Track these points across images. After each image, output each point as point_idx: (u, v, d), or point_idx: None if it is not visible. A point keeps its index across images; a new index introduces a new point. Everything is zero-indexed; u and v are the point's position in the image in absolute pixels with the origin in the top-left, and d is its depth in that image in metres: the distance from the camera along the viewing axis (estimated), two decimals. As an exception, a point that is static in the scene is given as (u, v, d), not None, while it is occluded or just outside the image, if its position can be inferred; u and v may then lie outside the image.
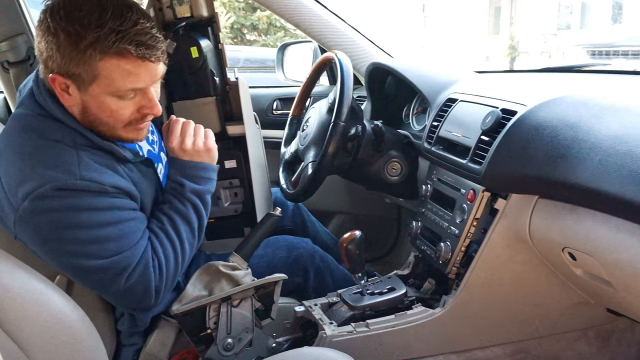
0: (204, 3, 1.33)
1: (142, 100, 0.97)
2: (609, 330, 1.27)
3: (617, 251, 0.85)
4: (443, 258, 1.17)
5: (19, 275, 0.86)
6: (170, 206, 1.08)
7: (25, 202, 0.91)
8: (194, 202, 1.09)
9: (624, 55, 4.55)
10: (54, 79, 0.93)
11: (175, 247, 1.05)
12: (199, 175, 1.11)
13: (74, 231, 0.94)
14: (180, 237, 1.06)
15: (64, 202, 0.92)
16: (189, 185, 1.09)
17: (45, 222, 0.93)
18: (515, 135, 1.01)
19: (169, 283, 1.04)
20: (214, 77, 1.36)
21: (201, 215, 1.10)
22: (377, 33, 1.93)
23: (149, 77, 0.95)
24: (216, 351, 1.11)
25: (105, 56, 0.90)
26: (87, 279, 0.99)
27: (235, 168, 1.40)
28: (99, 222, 0.95)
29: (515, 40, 12.55)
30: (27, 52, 1.79)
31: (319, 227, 1.66)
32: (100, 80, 0.92)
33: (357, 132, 1.32)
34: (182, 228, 1.07)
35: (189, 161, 1.11)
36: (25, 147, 0.95)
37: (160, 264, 1.02)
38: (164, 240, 1.04)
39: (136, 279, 0.99)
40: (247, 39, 9.81)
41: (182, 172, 1.11)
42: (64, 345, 0.86)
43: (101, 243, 0.95)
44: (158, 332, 1.15)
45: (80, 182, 0.92)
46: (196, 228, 1.09)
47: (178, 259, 1.05)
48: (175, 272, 1.05)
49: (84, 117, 0.97)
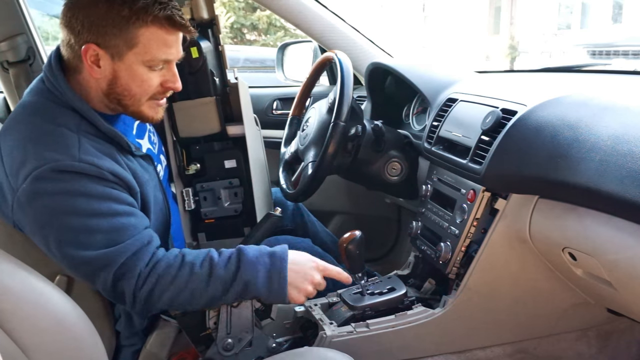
0: (205, 5, 1.33)
1: (167, 74, 1.04)
2: (609, 330, 1.27)
3: (617, 251, 0.85)
4: (443, 258, 1.17)
5: (19, 275, 0.86)
6: (218, 259, 1.02)
7: (24, 184, 0.93)
8: (236, 284, 1.00)
9: (624, 55, 4.55)
10: (87, 50, 0.97)
11: (182, 285, 0.99)
12: (272, 285, 1.02)
13: (67, 218, 0.95)
14: (192, 283, 1.00)
15: (60, 185, 0.94)
16: (255, 280, 1.01)
17: (40, 207, 0.94)
18: (515, 135, 1.01)
19: (147, 303, 1.00)
20: (213, 78, 1.36)
21: (218, 294, 1.01)
22: (377, 33, 1.93)
23: (177, 50, 1.03)
24: (216, 351, 1.11)
25: (146, 24, 0.97)
26: (78, 270, 0.99)
27: (235, 168, 1.40)
28: (93, 210, 0.96)
29: (515, 40, 12.55)
30: (26, 52, 1.79)
31: (319, 227, 1.66)
32: (137, 49, 0.98)
33: (357, 132, 1.32)
34: (202, 279, 1.00)
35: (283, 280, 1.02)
36: (30, 132, 0.97)
37: (159, 280, 0.99)
38: (182, 272, 0.99)
39: (121, 278, 0.97)
40: (247, 39, 9.81)
41: (264, 272, 1.02)
42: (63, 346, 0.86)
43: (91, 233, 0.95)
44: (158, 332, 1.15)
45: (78, 164, 0.95)
46: (207, 294, 1.01)
47: (171, 293, 1.00)
48: (158, 300, 1.00)
49: (110, 89, 1.01)
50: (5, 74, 1.81)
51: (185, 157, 1.40)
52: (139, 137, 1.19)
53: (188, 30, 1.03)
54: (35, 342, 0.82)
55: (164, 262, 0.99)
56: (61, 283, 1.08)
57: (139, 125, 1.20)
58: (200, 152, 1.39)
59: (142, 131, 1.22)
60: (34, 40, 1.81)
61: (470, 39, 13.45)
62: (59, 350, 0.86)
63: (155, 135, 1.27)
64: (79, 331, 0.89)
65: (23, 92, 1.76)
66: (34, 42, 1.81)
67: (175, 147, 1.38)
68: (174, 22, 0.99)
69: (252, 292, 1.01)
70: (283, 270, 1.02)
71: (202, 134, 1.37)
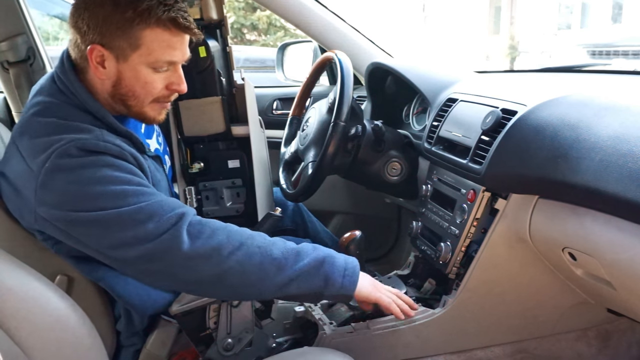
0: (214, 6, 1.34)
1: (172, 76, 1.03)
2: (609, 330, 1.27)
3: (617, 251, 0.85)
4: (443, 258, 1.17)
5: (19, 275, 0.87)
6: (293, 247, 1.00)
7: (47, 163, 0.92)
8: (314, 255, 0.99)
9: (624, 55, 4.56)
10: (92, 50, 0.97)
11: (255, 245, 0.97)
12: (347, 271, 1.01)
13: (95, 186, 0.92)
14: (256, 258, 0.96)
15: (86, 160, 0.93)
16: (332, 258, 1.01)
17: (67, 179, 0.92)
18: (515, 135, 1.01)
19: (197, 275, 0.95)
20: (220, 78, 1.36)
21: (290, 263, 0.97)
22: (377, 33, 1.93)
23: (182, 52, 1.02)
24: (216, 351, 1.11)
25: (150, 26, 0.96)
26: (113, 231, 0.93)
27: (238, 168, 1.40)
28: (120, 179, 0.94)
29: (515, 40, 12.54)
30: (27, 52, 1.79)
31: (319, 227, 1.66)
32: (141, 50, 0.98)
33: (357, 132, 1.32)
34: (271, 259, 0.97)
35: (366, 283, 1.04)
36: (49, 127, 0.97)
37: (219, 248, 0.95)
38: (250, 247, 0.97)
39: (177, 222, 0.93)
40: (247, 39, 9.81)
41: (342, 257, 1.02)
42: (63, 345, 0.87)
43: (122, 196, 0.93)
44: (158, 332, 1.15)
45: (103, 144, 0.96)
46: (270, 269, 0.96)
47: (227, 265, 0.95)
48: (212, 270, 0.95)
49: (115, 90, 1.01)
50: (5, 74, 1.81)
51: (189, 156, 1.40)
52: (147, 137, 1.19)
53: (193, 33, 1.01)
54: (36, 342, 0.82)
55: (230, 225, 0.98)
56: (61, 283, 1.08)
57: (147, 125, 1.20)
58: (204, 151, 1.40)
59: (151, 131, 1.22)
60: (34, 40, 1.81)
61: (470, 39, 13.45)
62: (59, 350, 0.86)
63: (161, 137, 1.28)
64: (79, 331, 0.89)
65: (23, 92, 1.79)
66: (34, 42, 1.81)
67: (179, 146, 1.38)
68: (178, 24, 0.98)
69: (327, 268, 0.98)
70: (356, 266, 1.02)
71: (206, 133, 1.38)
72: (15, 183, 0.98)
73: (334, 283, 0.99)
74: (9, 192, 1.01)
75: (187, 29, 0.99)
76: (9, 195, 1.01)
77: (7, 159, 1.01)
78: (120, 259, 0.95)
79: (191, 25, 1.00)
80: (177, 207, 0.96)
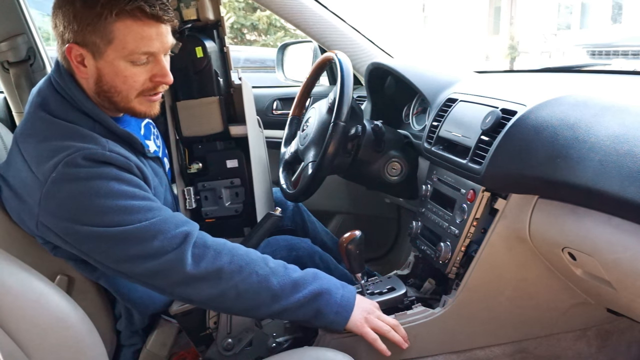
0: (211, 6, 1.33)
1: (155, 68, 1.00)
2: (609, 330, 1.27)
3: (617, 251, 0.85)
4: (443, 258, 1.17)
5: (19, 275, 0.87)
6: (282, 267, 1.02)
7: (54, 172, 0.91)
8: (310, 286, 1.00)
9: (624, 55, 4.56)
10: (70, 49, 0.97)
11: (252, 269, 0.98)
12: (343, 303, 1.03)
13: (101, 199, 0.92)
14: (250, 280, 0.97)
15: (93, 171, 0.93)
16: (329, 290, 1.02)
17: (73, 191, 0.92)
18: (515, 135, 1.01)
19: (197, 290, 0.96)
20: (218, 78, 1.36)
21: (287, 292, 0.99)
22: (377, 33, 1.93)
23: (160, 42, 0.98)
24: (216, 351, 1.11)
25: (120, 18, 0.94)
26: (119, 248, 0.94)
27: (236, 168, 1.40)
28: (126, 193, 0.94)
29: (515, 40, 12.55)
30: (27, 52, 1.79)
31: (319, 227, 1.66)
32: (115, 44, 0.96)
33: (357, 132, 1.32)
34: (259, 278, 0.98)
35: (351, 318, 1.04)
36: (52, 131, 0.97)
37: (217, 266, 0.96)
38: (243, 265, 0.98)
39: (181, 243, 0.94)
40: (247, 39, 9.81)
41: (338, 288, 1.04)
42: (64, 345, 0.87)
43: (127, 212, 0.93)
44: (158, 332, 1.16)
45: (109, 154, 0.95)
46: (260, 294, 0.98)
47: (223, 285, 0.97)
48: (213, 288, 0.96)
49: (98, 88, 1.00)
50: (5, 74, 1.81)
51: (188, 156, 1.40)
52: (146, 138, 1.19)
53: (164, 20, 0.97)
54: (36, 341, 0.82)
55: (235, 245, 0.99)
56: (61, 283, 1.08)
57: (145, 126, 1.20)
58: (203, 151, 1.40)
59: (148, 132, 1.22)
60: (34, 40, 1.81)
61: (470, 39, 13.45)
62: (59, 349, 0.86)
63: (159, 139, 1.28)
64: (79, 331, 0.89)
65: (23, 92, 1.79)
66: (34, 42, 1.81)
67: (177, 146, 1.39)
68: (146, 13, 0.94)
69: (321, 302, 1.00)
70: (352, 298, 1.04)
71: (204, 134, 1.38)
72: (17, 188, 0.98)
73: (324, 317, 1.01)
74: (9, 196, 1.00)
75: (156, 17, 0.96)
76: (9, 198, 1.00)
77: (8, 163, 1.01)
78: (123, 272, 0.96)
79: (159, 12, 0.96)
80: (182, 225, 0.96)
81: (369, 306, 1.08)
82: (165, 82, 1.03)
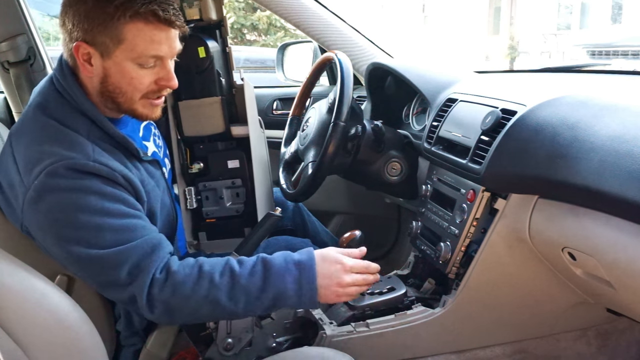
0: (213, 6, 1.34)
1: (161, 71, 1.01)
2: (609, 330, 1.27)
3: (617, 251, 0.85)
4: (443, 258, 1.17)
5: (19, 275, 0.86)
6: (240, 269, 0.98)
7: (36, 180, 0.92)
8: (264, 297, 0.97)
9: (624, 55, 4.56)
10: (78, 47, 0.97)
11: (201, 297, 0.96)
12: (303, 295, 0.98)
13: (78, 214, 0.93)
14: (212, 293, 0.96)
15: (73, 182, 0.93)
16: (285, 291, 0.98)
17: (51, 202, 0.93)
18: (515, 135, 1.01)
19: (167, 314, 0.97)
20: (220, 78, 1.36)
21: (241, 306, 0.97)
22: (377, 33, 1.93)
23: (168, 46, 0.99)
24: (216, 351, 1.11)
25: (132, 20, 0.95)
26: (87, 270, 0.96)
27: (238, 168, 1.40)
28: (103, 209, 0.94)
29: (515, 40, 12.56)
30: (27, 52, 1.79)
31: (319, 227, 1.66)
32: (124, 45, 0.96)
33: (357, 132, 1.32)
34: (225, 291, 0.96)
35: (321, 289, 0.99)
36: (44, 132, 0.97)
37: (175, 286, 0.95)
38: (200, 278, 0.96)
39: (134, 280, 0.94)
40: (247, 39, 9.82)
41: (293, 283, 0.98)
42: (64, 345, 0.87)
43: (101, 231, 0.93)
44: (158, 332, 1.15)
45: (92, 164, 0.95)
46: (234, 304, 0.96)
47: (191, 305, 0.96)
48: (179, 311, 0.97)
49: (103, 88, 1.00)
50: (5, 74, 1.81)
51: (189, 156, 1.40)
52: (145, 140, 1.18)
53: (176, 26, 0.99)
54: (36, 341, 0.82)
55: (181, 273, 0.96)
56: (61, 283, 1.08)
57: (145, 127, 1.20)
58: (204, 151, 1.40)
59: (148, 133, 1.21)
60: (34, 40, 1.82)
61: (470, 39, 13.45)
62: (59, 349, 0.86)
63: (160, 139, 1.27)
64: (79, 331, 0.89)
65: (23, 92, 1.79)
66: (34, 43, 1.82)
67: (179, 146, 1.38)
68: (159, 17, 0.95)
69: (281, 303, 0.98)
70: (312, 281, 0.98)
71: (206, 134, 1.38)
72: (7, 189, 0.99)
73: (294, 308, 1.07)
74: (1, 196, 1.02)
75: (168, 22, 0.97)
76: (2, 198, 1.02)
77: (1, 162, 1.01)
78: (98, 289, 1.01)
79: (172, 17, 0.97)
80: (148, 255, 0.95)
81: (331, 269, 1.01)
82: (170, 86, 1.03)
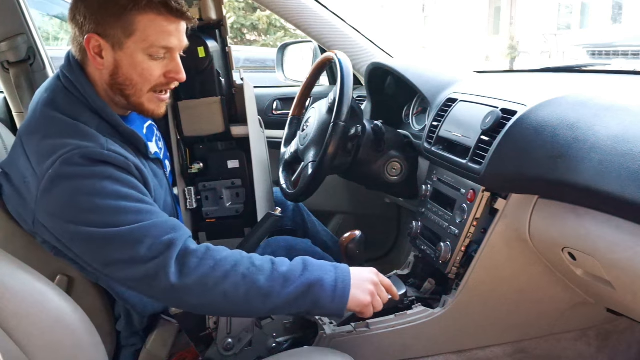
0: (213, 6, 1.34)
1: (170, 64, 1.04)
2: (609, 330, 1.27)
3: (617, 251, 0.85)
4: (443, 258, 1.17)
5: (19, 275, 0.87)
6: (277, 260, 0.98)
7: (51, 169, 0.92)
8: (299, 282, 0.96)
9: (624, 55, 4.55)
10: (89, 40, 0.99)
11: (240, 274, 0.94)
12: (337, 291, 0.98)
13: (93, 198, 0.92)
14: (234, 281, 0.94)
15: (88, 170, 0.93)
16: (322, 281, 0.97)
17: (66, 188, 0.93)
18: (515, 135, 1.01)
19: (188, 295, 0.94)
20: (219, 78, 1.36)
21: (276, 290, 0.95)
22: (377, 33, 1.93)
23: (178, 39, 1.02)
24: (216, 351, 1.11)
25: (145, 11, 0.97)
26: (98, 249, 0.93)
27: (237, 168, 1.40)
28: (119, 193, 0.94)
29: (515, 40, 12.56)
30: (27, 52, 1.79)
31: (319, 227, 1.66)
32: (136, 36, 0.99)
33: (357, 132, 1.32)
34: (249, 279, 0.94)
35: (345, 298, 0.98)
36: (56, 127, 0.98)
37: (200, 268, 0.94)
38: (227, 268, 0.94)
39: (167, 249, 0.92)
40: (247, 39, 9.81)
41: (331, 276, 0.98)
42: (64, 345, 0.87)
43: (117, 213, 0.93)
44: (158, 332, 1.16)
45: (107, 153, 0.96)
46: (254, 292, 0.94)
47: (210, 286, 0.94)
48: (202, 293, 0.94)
49: (113, 80, 1.02)
50: (5, 74, 1.81)
51: (189, 156, 1.40)
52: (148, 140, 1.18)
53: (186, 17, 1.02)
54: (36, 342, 0.82)
55: (223, 251, 0.96)
56: (61, 283, 1.08)
57: (148, 128, 1.20)
58: (204, 151, 1.40)
59: (151, 134, 1.22)
60: (34, 40, 1.81)
61: (470, 39, 13.45)
62: (59, 350, 0.86)
63: (161, 141, 1.28)
64: (79, 331, 0.89)
65: (23, 92, 1.79)
66: (34, 42, 1.81)
67: (179, 146, 1.38)
68: (170, 8, 0.98)
69: (315, 293, 0.96)
70: (347, 279, 0.99)
71: (206, 134, 1.38)
72: (18, 185, 0.99)
73: (323, 306, 0.98)
74: (10, 193, 1.01)
75: (179, 13, 1.00)
76: (10, 196, 1.01)
77: (11, 160, 1.02)
78: (111, 276, 0.97)
79: (183, 9, 1.01)
80: (170, 231, 0.94)
81: (364, 273, 1.03)
82: (179, 79, 1.06)
